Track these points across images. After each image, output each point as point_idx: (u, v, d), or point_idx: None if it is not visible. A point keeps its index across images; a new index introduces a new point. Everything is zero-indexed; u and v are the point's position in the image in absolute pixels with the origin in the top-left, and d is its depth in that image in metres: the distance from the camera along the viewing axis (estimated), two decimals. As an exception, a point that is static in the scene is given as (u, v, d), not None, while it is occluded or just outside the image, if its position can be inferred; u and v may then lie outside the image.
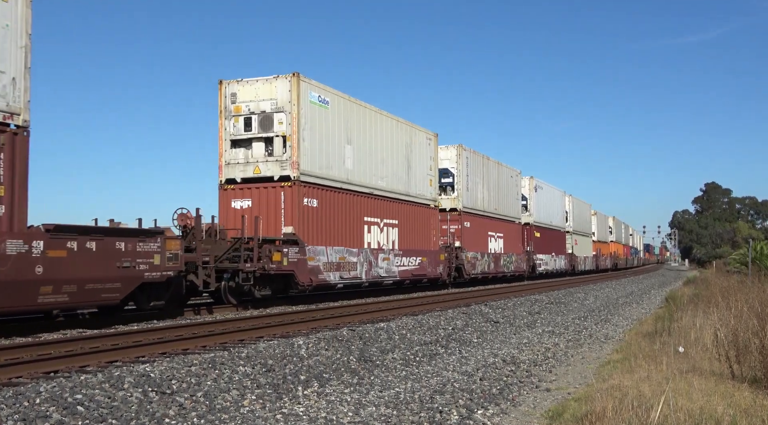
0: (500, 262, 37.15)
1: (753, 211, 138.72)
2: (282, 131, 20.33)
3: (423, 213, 28.53)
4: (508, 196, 39.86)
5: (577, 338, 15.61)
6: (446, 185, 32.67)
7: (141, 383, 8.32)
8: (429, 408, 8.12)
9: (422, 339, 13.95)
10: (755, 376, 9.34)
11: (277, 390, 8.92)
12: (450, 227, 32.03)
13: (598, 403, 7.31)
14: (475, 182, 34.50)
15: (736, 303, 13.63)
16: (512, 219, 40.27)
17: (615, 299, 28.65)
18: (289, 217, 20.12)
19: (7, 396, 7.36)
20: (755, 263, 35.75)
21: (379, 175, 25.01)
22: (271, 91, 20.57)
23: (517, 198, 41.62)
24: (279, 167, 20.33)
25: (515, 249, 40.19)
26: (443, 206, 31.82)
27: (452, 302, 22.11)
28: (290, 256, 19.23)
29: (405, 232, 26.71)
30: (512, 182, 41.04)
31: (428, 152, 29.55)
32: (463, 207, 32.77)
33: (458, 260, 31.51)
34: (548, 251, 47.04)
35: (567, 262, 51.94)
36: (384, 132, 25.60)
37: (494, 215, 37.04)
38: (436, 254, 29.25)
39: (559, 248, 50.52)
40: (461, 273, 31.89)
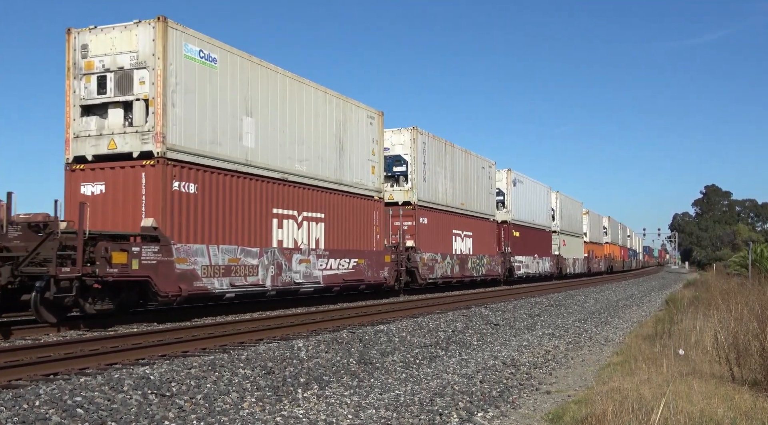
0: (467, 265, 32.49)
1: (753, 213, 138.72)
2: (144, 93, 15.54)
3: (362, 206, 23.65)
4: (479, 190, 35.14)
5: (577, 340, 15.60)
6: (398, 174, 28.11)
7: (140, 385, 8.31)
8: (429, 411, 8.11)
9: (422, 342, 13.93)
10: (755, 379, 9.33)
11: (277, 393, 8.91)
12: (403, 224, 27.09)
13: (598, 406, 7.31)
14: (435, 172, 29.69)
15: (736, 306, 13.61)
16: (485, 216, 35.67)
17: (615, 302, 28.63)
18: (150, 205, 15.34)
19: (6, 398, 7.35)
20: (755, 266, 35.72)
21: (297, 157, 20.09)
22: (131, 42, 15.72)
23: (490, 193, 36.82)
24: (139, 141, 15.50)
25: (488, 250, 35.64)
26: (395, 198, 27.66)
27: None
28: (144, 257, 14.42)
29: (335, 228, 21.89)
30: (484, 175, 36.26)
31: (370, 134, 24.48)
32: (419, 201, 27.94)
33: (411, 262, 26.75)
34: (530, 252, 42.32)
35: (553, 265, 47.47)
36: (306, 105, 20.72)
37: (461, 210, 32.35)
38: (380, 256, 24.41)
39: (544, 249, 45.95)
40: (415, 278, 27.13)
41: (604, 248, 69.84)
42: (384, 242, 25.19)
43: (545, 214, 46.87)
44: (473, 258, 33.40)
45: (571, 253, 53.81)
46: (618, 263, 78.60)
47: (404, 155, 28.12)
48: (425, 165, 28.80)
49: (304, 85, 20.83)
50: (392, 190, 27.86)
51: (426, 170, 28.88)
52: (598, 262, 64.97)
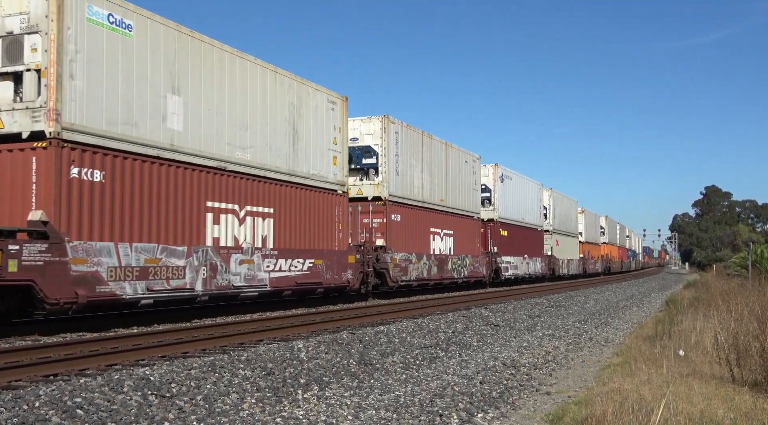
0: (447, 266, 29.86)
1: (753, 214, 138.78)
2: (36, 62, 13.14)
3: (321, 201, 20.99)
4: (461, 186, 32.56)
5: (578, 341, 15.60)
6: (367, 167, 25.60)
7: (140, 386, 8.31)
8: (429, 412, 8.11)
9: (422, 343, 13.93)
10: (756, 380, 9.33)
11: (277, 394, 8.90)
12: (372, 221, 24.89)
13: (599, 407, 7.31)
14: (409, 165, 27.20)
15: (737, 307, 13.62)
16: (468, 214, 33.12)
17: (615, 303, 28.63)
18: (42, 196, 12.91)
19: (6, 399, 7.35)
20: (755, 267, 35.74)
21: (239, 143, 17.54)
22: (22, 2, 13.43)
23: (474, 189, 34.27)
24: (30, 119, 13.08)
25: (471, 250, 33.14)
26: (364, 193, 25.36)
27: None
28: (26, 257, 12.01)
29: (287, 225, 19.22)
30: (468, 169, 33.60)
31: (331, 120, 21.84)
32: (391, 196, 25.41)
33: (380, 263, 24.11)
34: (519, 252, 39.94)
35: (545, 265, 45.14)
36: (251, 85, 18.15)
37: (440, 207, 29.84)
38: (342, 256, 21.71)
39: (535, 249, 43.59)
40: (385, 280, 24.48)
41: (601, 249, 67.87)
42: (348, 240, 22.66)
43: (536, 212, 44.61)
44: (454, 259, 30.83)
45: (566, 253, 51.52)
46: (616, 263, 76.50)
47: (374, 146, 25.61)
48: (398, 157, 26.35)
49: (248, 62, 18.14)
50: (361, 184, 25.50)
51: (399, 163, 26.41)
52: (594, 263, 62.98)
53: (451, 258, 30.66)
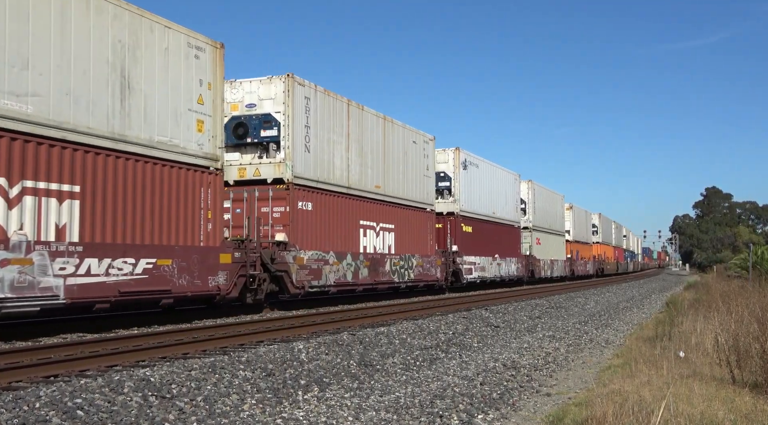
0: (384, 268, 24.63)
1: (753, 215, 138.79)
2: None
3: (175, 179, 15.55)
4: (408, 171, 27.24)
5: (578, 342, 15.60)
6: (267, 140, 20.14)
7: (141, 387, 8.32)
8: (429, 413, 8.11)
9: (422, 344, 13.94)
10: (756, 381, 9.33)
11: (277, 395, 8.91)
12: (272, 210, 19.88)
13: (599, 408, 7.31)
14: (328, 141, 21.91)
15: (737, 308, 13.63)
16: (417, 205, 27.78)
17: (615, 304, 28.64)
18: None
19: (6, 400, 7.35)
20: (756, 268, 35.75)
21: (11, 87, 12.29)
22: None
23: (426, 175, 29.05)
24: None
25: (421, 249, 27.85)
26: (262, 174, 20.05)
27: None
28: None
29: (108, 210, 14.00)
30: (417, 152, 28.33)
31: (194, 72, 16.27)
32: (296, 178, 20.05)
33: (277, 263, 18.80)
34: (488, 252, 34.79)
35: (521, 267, 40.13)
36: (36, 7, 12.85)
37: (375, 196, 24.58)
38: (208, 255, 16.20)
39: (510, 248, 38.56)
40: (284, 286, 19.24)
41: (592, 249, 62.91)
42: (225, 233, 17.73)
43: (511, 206, 39.39)
44: (394, 259, 25.45)
45: (549, 253, 46.61)
46: (610, 265, 71.83)
47: (275, 114, 20.10)
48: (309, 129, 20.87)
49: None
50: (259, 163, 20.21)
51: (311, 137, 20.96)
52: (584, 264, 57.98)
53: (391, 258, 25.23)
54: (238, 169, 20.55)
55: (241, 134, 20.34)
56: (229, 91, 20.37)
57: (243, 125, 20.23)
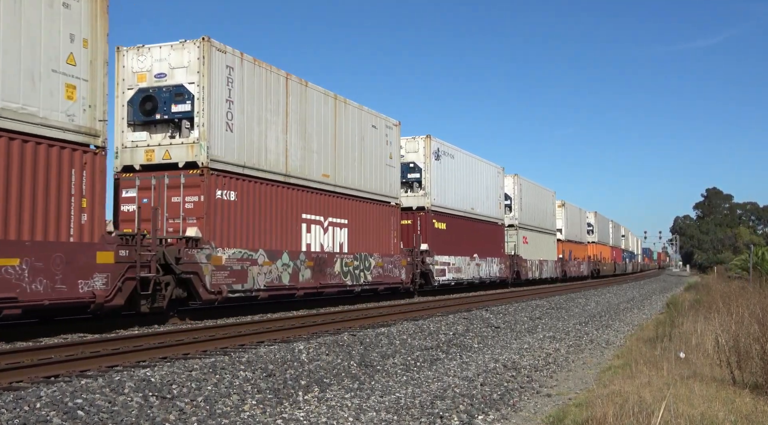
0: (332, 268, 21.44)
1: (754, 216, 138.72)
2: None
3: (30, 159, 12.38)
4: (366, 159, 24.10)
5: (578, 343, 15.60)
6: (179, 117, 16.84)
7: (141, 387, 8.32)
8: (430, 414, 8.11)
9: (423, 344, 13.94)
10: (756, 382, 9.33)
11: (278, 395, 8.91)
12: (185, 200, 16.69)
13: (599, 409, 7.31)
14: (258, 120, 18.60)
15: (738, 309, 13.63)
16: (377, 198, 24.66)
17: (616, 305, 28.64)
18: None
19: (7, 400, 7.36)
20: (756, 269, 35.72)
21: None
22: None
23: (389, 165, 25.78)
24: None
25: (382, 247, 24.78)
26: (172, 158, 16.84)
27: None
28: None
29: None
30: (378, 139, 25.09)
31: (59, 22, 13.05)
32: (213, 161, 16.82)
33: (184, 264, 15.62)
34: (464, 251, 31.69)
35: (505, 267, 36.98)
36: None
37: (322, 186, 21.37)
38: (80, 254, 13.14)
39: (491, 247, 35.41)
40: (195, 291, 16.08)
41: (587, 249, 59.99)
42: (108, 228, 14.41)
43: (494, 202, 36.38)
44: (346, 259, 22.28)
45: (537, 253, 43.44)
46: (607, 266, 68.44)
47: (189, 85, 16.85)
48: (233, 105, 17.62)
49: None
50: (169, 144, 16.94)
51: (235, 113, 17.67)
52: (577, 265, 54.90)
53: (342, 258, 22.04)
54: (146, 151, 17.18)
55: (149, 110, 17.07)
56: (135, 58, 17.42)
57: (151, 98, 17.05)
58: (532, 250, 42.50)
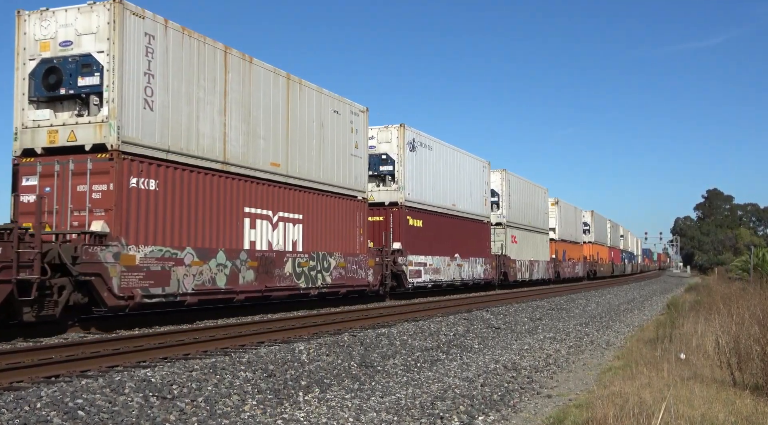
0: (282, 270, 18.67)
1: (755, 218, 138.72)
2: None
3: None
4: (325, 148, 21.20)
5: (579, 344, 15.61)
6: (86, 91, 14.49)
7: (142, 388, 8.33)
8: (430, 414, 8.12)
9: (423, 345, 13.94)
10: (757, 383, 9.34)
11: (278, 396, 8.91)
12: (92, 190, 14.22)
13: (599, 410, 7.31)
14: (188, 98, 16.13)
15: (738, 310, 13.62)
16: (339, 191, 21.83)
17: (616, 306, 28.64)
18: None
19: (8, 400, 7.36)
20: (757, 270, 35.74)
21: None
22: None
23: (354, 155, 23.06)
24: None
25: (346, 246, 22.17)
26: (78, 139, 14.39)
27: None
28: None
29: None
30: (340, 125, 22.22)
31: None
32: (126, 143, 14.26)
33: (80, 265, 13.19)
34: (444, 250, 29.07)
35: (491, 268, 34.41)
36: None
37: (269, 175, 18.58)
38: None
39: (475, 247, 32.70)
40: (100, 298, 13.60)
41: (583, 249, 57.56)
42: None
43: (478, 198, 33.80)
44: (300, 259, 19.47)
45: (528, 253, 40.99)
46: (605, 267, 65.81)
47: (97, 55, 14.45)
48: (153, 79, 15.12)
49: None
50: (75, 123, 14.50)
51: (156, 90, 15.17)
52: (572, 265, 52.30)
53: (295, 258, 19.18)
54: (48, 132, 14.78)
55: (52, 84, 14.84)
56: (38, 24, 15.10)
57: (55, 70, 14.82)
58: (522, 250, 40.03)
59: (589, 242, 59.89)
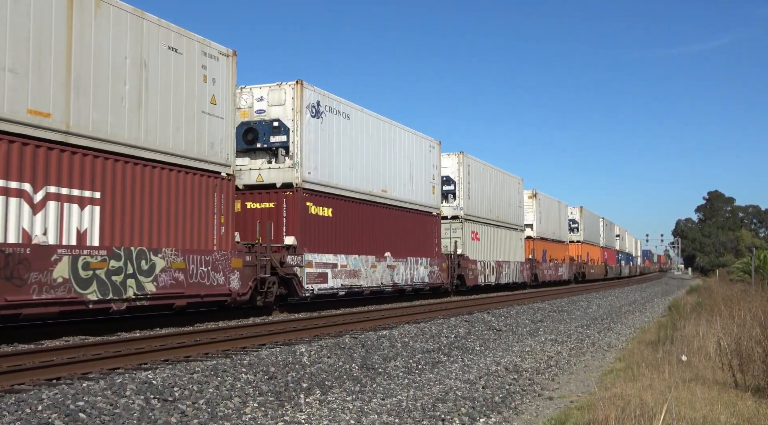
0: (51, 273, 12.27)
1: (756, 219, 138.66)
2: None
3: None
4: (149, 98, 14.93)
5: (580, 346, 15.59)
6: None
7: (143, 390, 8.32)
8: (431, 416, 8.11)
9: (424, 347, 13.93)
10: (758, 385, 9.33)
11: (279, 398, 8.91)
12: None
13: (601, 412, 7.31)
14: None
15: (739, 312, 13.63)
16: (181, 163, 15.66)
17: (618, 308, 28.62)
18: None
19: (9, 403, 7.36)
20: (758, 272, 35.71)
21: None
22: None
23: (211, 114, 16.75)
24: None
25: (193, 240, 15.94)
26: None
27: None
28: None
29: None
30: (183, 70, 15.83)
31: None
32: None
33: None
34: (365, 248, 22.95)
35: (441, 271, 28.06)
36: None
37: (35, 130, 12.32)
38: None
39: (417, 244, 26.49)
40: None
41: (569, 249, 52.19)
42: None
43: (423, 185, 27.35)
44: (92, 258, 13.16)
45: (494, 253, 34.99)
46: (596, 269, 60.34)
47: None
48: None
49: None
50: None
51: None
52: (554, 267, 46.59)
53: (78, 257, 12.87)
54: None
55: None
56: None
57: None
58: (487, 249, 33.97)
59: (577, 241, 55.22)
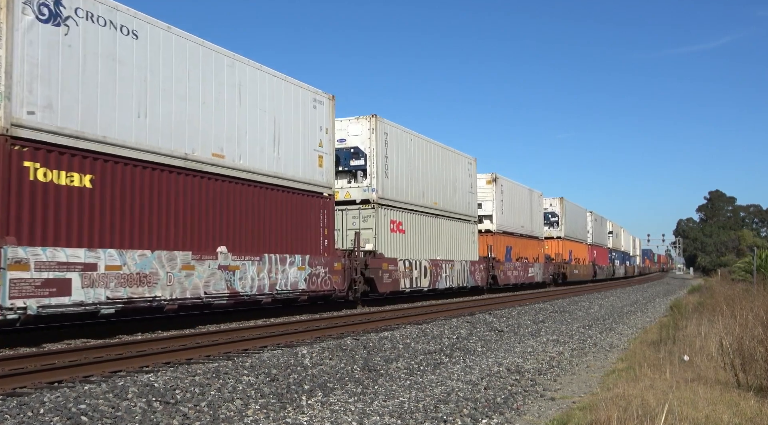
0: None
1: (757, 219, 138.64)
2: None
3: None
4: None
5: (582, 346, 15.57)
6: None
7: (145, 393, 8.32)
8: (433, 418, 8.10)
9: (426, 348, 13.92)
10: (761, 385, 9.31)
11: (281, 400, 8.90)
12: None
13: (603, 412, 7.29)
14: None
15: (741, 312, 13.60)
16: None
17: (620, 308, 28.59)
18: None
19: (11, 406, 7.37)
20: (760, 272, 35.66)
21: None
22: None
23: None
24: None
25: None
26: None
27: None
28: None
29: None
30: None
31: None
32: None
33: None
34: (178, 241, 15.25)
35: (327, 273, 20.72)
36: None
37: None
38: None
39: (290, 237, 19.35)
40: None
41: (544, 246, 45.81)
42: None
43: (305, 155, 20.40)
44: None
45: (428, 250, 28.26)
46: (582, 269, 53.92)
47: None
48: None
49: None
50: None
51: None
52: (522, 267, 39.95)
53: None
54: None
55: None
56: None
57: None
58: (416, 244, 27.32)
59: (557, 237, 49.03)
